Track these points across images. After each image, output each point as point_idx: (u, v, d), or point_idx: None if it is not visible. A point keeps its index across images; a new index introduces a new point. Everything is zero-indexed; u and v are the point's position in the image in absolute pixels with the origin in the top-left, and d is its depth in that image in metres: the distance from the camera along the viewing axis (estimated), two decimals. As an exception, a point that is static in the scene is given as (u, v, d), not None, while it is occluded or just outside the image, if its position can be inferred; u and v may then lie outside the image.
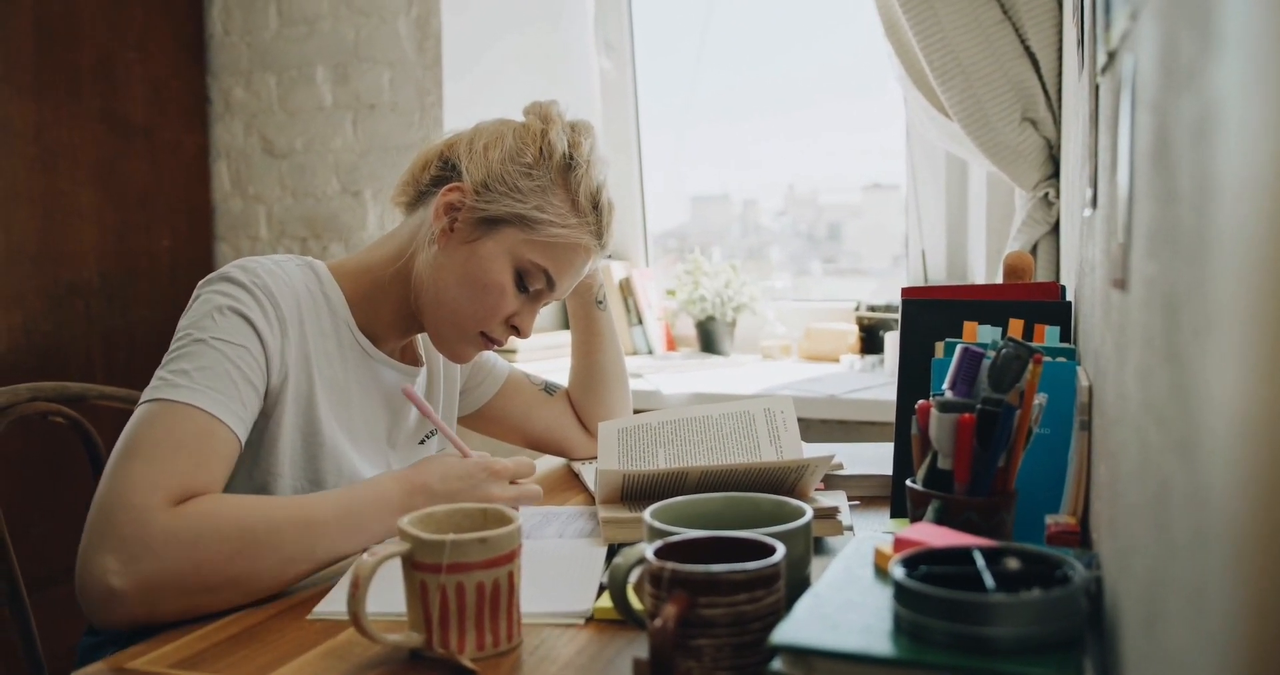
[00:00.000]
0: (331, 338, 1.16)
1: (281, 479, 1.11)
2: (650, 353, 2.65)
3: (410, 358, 1.29)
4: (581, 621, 0.89)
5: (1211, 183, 0.37)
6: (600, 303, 1.46)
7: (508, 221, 1.16)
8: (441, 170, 1.21)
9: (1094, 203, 0.92)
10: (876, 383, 2.13)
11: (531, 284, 1.19)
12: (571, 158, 1.18)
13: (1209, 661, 0.36)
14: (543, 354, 2.45)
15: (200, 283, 1.10)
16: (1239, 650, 0.32)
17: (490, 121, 1.23)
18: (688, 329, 2.71)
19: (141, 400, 1.01)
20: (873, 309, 2.44)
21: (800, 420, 1.26)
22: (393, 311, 1.21)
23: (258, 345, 1.06)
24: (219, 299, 1.06)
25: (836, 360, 2.43)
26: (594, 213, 1.20)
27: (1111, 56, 0.75)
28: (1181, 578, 0.42)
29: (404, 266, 1.19)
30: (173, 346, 1.05)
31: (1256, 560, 0.30)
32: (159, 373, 1.02)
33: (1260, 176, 0.30)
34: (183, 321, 1.07)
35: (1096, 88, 0.90)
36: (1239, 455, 0.32)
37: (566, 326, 1.49)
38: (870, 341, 2.43)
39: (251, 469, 1.10)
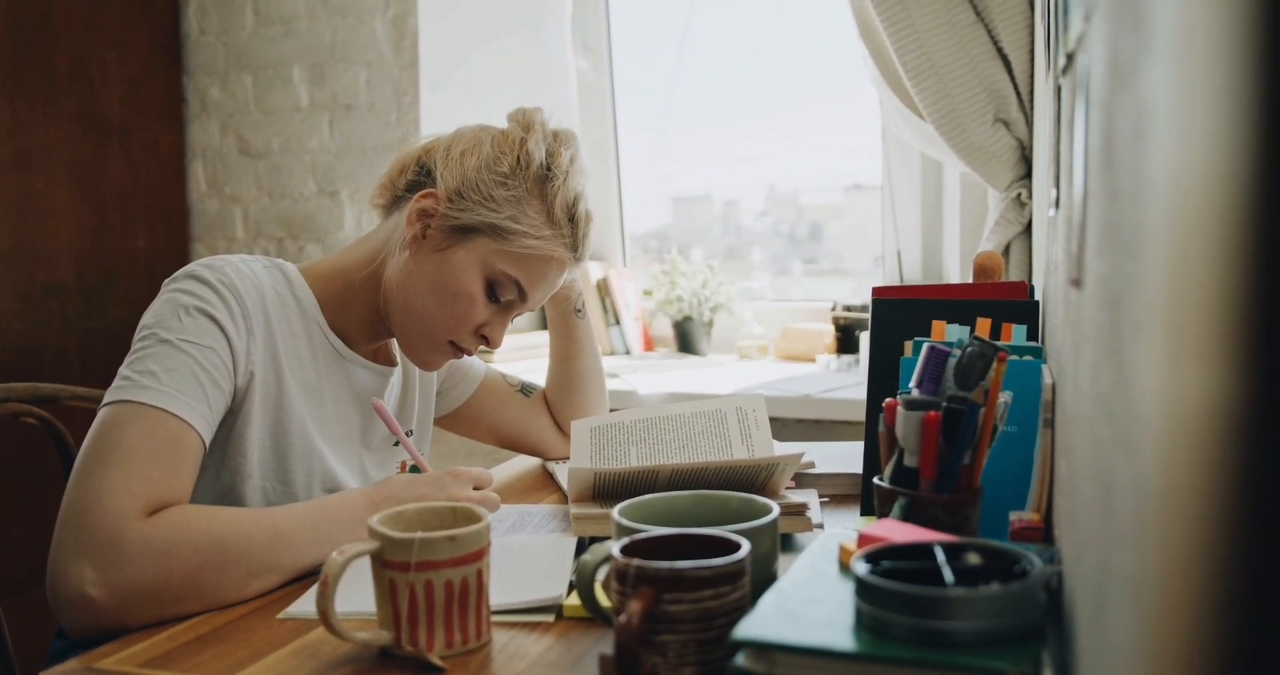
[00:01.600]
0: (303, 338, 1.15)
1: (250, 479, 1.11)
2: (627, 353, 2.65)
3: (385, 358, 1.29)
4: (553, 613, 0.90)
5: (1145, 180, 0.37)
6: (579, 311, 1.46)
7: (480, 231, 1.15)
8: (418, 175, 1.21)
9: (1057, 203, 0.93)
10: (851, 382, 2.14)
11: (503, 294, 1.18)
12: (549, 168, 1.17)
13: (1147, 649, 0.37)
14: (519, 354, 2.45)
15: (166, 281, 1.10)
16: (1172, 636, 0.32)
17: (471, 127, 1.23)
18: (665, 329, 2.72)
19: (108, 400, 1.00)
20: (849, 309, 2.46)
21: (775, 419, 1.27)
22: (364, 314, 1.21)
23: (224, 346, 1.05)
24: (185, 298, 1.06)
25: (813, 360, 2.45)
26: (570, 225, 1.19)
27: (1070, 58, 0.76)
28: (1123, 568, 0.42)
29: (376, 270, 1.19)
30: (137, 345, 1.04)
31: (1184, 547, 0.31)
32: (124, 371, 1.02)
33: (1184, 173, 0.31)
34: (146, 318, 1.06)
35: (1059, 88, 0.91)
36: (1168, 445, 0.33)
37: (544, 328, 1.49)
38: (846, 341, 2.44)
39: (219, 470, 1.10)
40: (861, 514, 1.18)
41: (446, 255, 1.16)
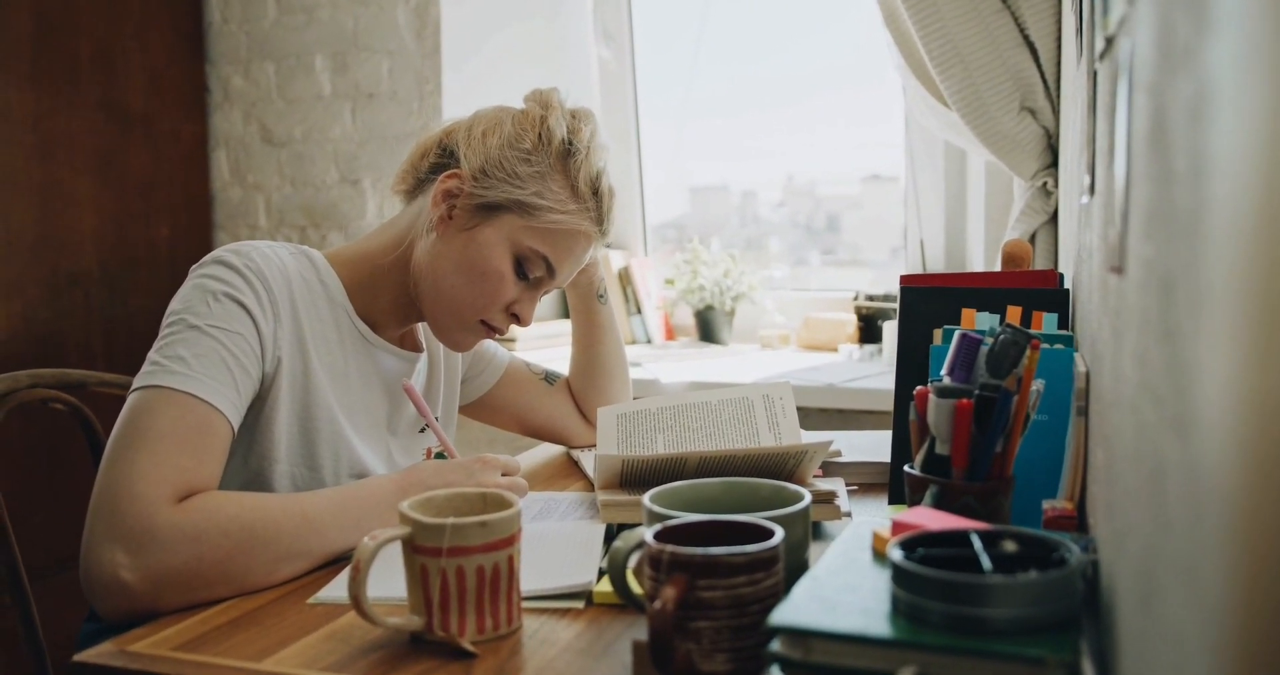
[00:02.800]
0: (330, 324, 1.16)
1: (278, 464, 1.11)
2: (649, 342, 2.65)
3: (411, 344, 1.29)
4: (582, 599, 0.90)
5: (1206, 162, 0.37)
6: (601, 297, 1.47)
7: (506, 208, 1.15)
8: (440, 158, 1.21)
9: (1091, 190, 0.92)
10: (874, 372, 2.14)
11: (531, 271, 1.19)
12: (571, 143, 1.18)
13: (1204, 633, 0.36)
14: (542, 342, 2.46)
15: (193, 267, 1.10)
16: (1233, 622, 0.32)
17: (489, 108, 1.23)
18: (686, 318, 2.72)
19: (137, 385, 1.01)
20: (871, 299, 2.45)
21: (799, 409, 1.26)
22: (392, 299, 1.21)
23: (252, 331, 1.06)
24: (213, 284, 1.06)
25: (835, 350, 2.44)
26: (594, 198, 1.19)
27: (1109, 42, 0.75)
28: (1176, 554, 0.42)
29: (403, 254, 1.19)
30: (166, 330, 1.04)
31: (1249, 534, 0.31)
32: (153, 356, 1.02)
33: (1253, 154, 0.30)
34: (175, 304, 1.06)
35: (1094, 74, 0.90)
36: (1232, 430, 0.32)
37: (566, 315, 1.49)
38: (868, 331, 2.43)
39: (246, 454, 1.10)
40: (889, 503, 1.18)
41: (474, 234, 1.16)
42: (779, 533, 0.75)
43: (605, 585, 0.88)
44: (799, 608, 0.68)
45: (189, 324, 1.03)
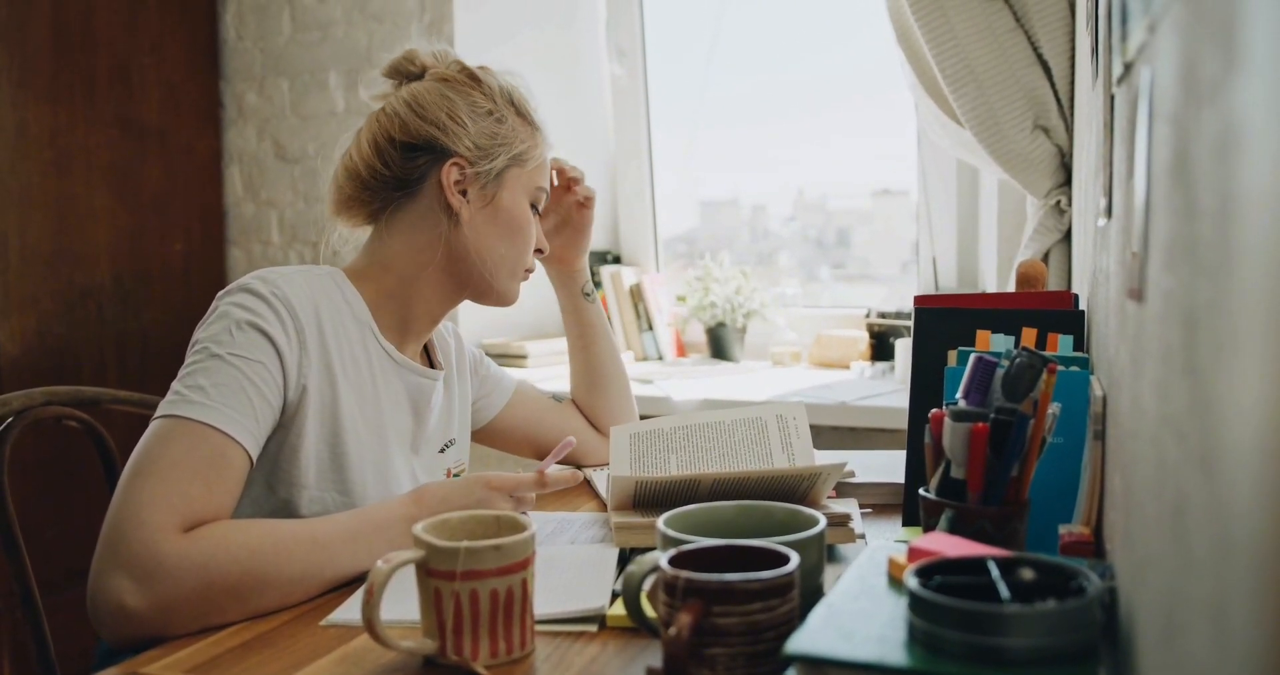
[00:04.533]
0: (358, 345, 1.16)
1: (307, 491, 1.10)
2: (660, 358, 2.65)
3: (429, 362, 1.30)
4: (596, 623, 0.89)
5: (1234, 200, 0.37)
6: (588, 295, 1.48)
7: (508, 168, 1.23)
8: (406, 161, 1.20)
9: (1109, 212, 0.92)
10: (887, 389, 2.13)
11: (539, 205, 1.29)
12: (503, 86, 1.25)
13: (1231, 673, 0.36)
14: (554, 359, 2.46)
15: (219, 294, 1.10)
16: (1264, 664, 0.32)
17: (402, 97, 1.23)
18: (698, 335, 2.71)
19: (157, 414, 1.01)
20: (883, 315, 2.44)
21: (811, 427, 1.26)
22: (424, 308, 1.23)
23: (275, 360, 1.05)
24: (237, 312, 1.06)
25: (847, 367, 2.43)
26: (534, 118, 1.27)
27: (1128, 68, 0.75)
28: (1201, 592, 0.42)
29: (433, 255, 1.21)
30: (190, 359, 1.05)
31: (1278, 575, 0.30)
32: (175, 386, 1.02)
33: (1284, 195, 0.30)
34: (200, 333, 1.07)
35: (1112, 98, 0.90)
36: (1263, 471, 0.32)
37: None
38: (880, 348, 2.43)
39: (273, 483, 1.10)
40: (903, 524, 1.17)
41: (497, 202, 1.22)
42: (794, 558, 0.74)
43: (619, 608, 0.88)
44: (815, 635, 0.68)
45: (211, 353, 1.03)
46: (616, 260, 2.84)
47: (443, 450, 1.29)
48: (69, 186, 2.35)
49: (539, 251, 1.30)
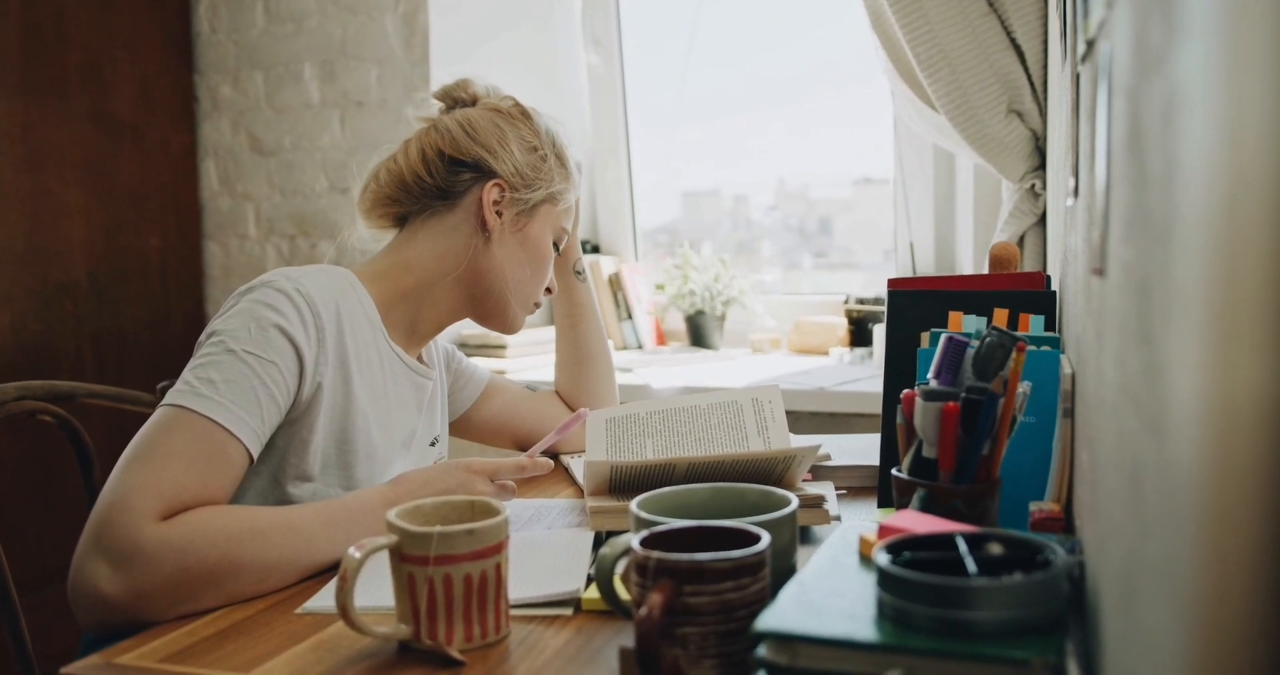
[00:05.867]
0: (370, 345, 1.18)
1: (311, 484, 1.12)
2: (639, 347, 2.65)
3: (426, 362, 1.32)
4: (571, 607, 0.90)
5: (1177, 166, 0.37)
6: (580, 273, 1.49)
7: (542, 202, 1.28)
8: (450, 173, 1.24)
9: (1075, 192, 0.92)
10: (865, 375, 2.14)
11: (560, 244, 1.35)
12: (552, 133, 1.31)
13: (1180, 636, 0.36)
14: (533, 349, 2.46)
15: (242, 288, 1.11)
16: (1205, 621, 0.32)
17: (451, 117, 1.29)
18: (677, 323, 2.72)
19: (164, 402, 1.01)
20: (861, 302, 2.45)
21: (789, 412, 1.27)
22: (434, 315, 1.26)
23: (293, 360, 1.06)
24: (260, 309, 1.06)
25: (826, 353, 2.44)
26: (577, 171, 1.34)
27: (1090, 45, 0.75)
28: (1154, 556, 0.42)
29: (457, 265, 1.24)
30: (204, 349, 1.05)
31: (1220, 534, 0.31)
32: (186, 376, 1.03)
33: (1219, 159, 0.30)
34: (218, 323, 1.07)
35: (1077, 76, 0.90)
36: (1201, 432, 0.32)
37: (553, 322, 1.51)
38: (859, 334, 2.44)
39: (278, 475, 1.11)
40: (879, 506, 1.18)
41: (526, 231, 1.28)
42: (765, 538, 0.75)
43: (594, 592, 0.88)
44: (785, 613, 0.68)
45: (226, 347, 1.03)
46: (595, 249, 2.84)
47: (433, 444, 1.32)
48: (42, 182, 2.33)
49: (548, 290, 1.35)
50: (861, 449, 1.38)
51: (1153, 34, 0.43)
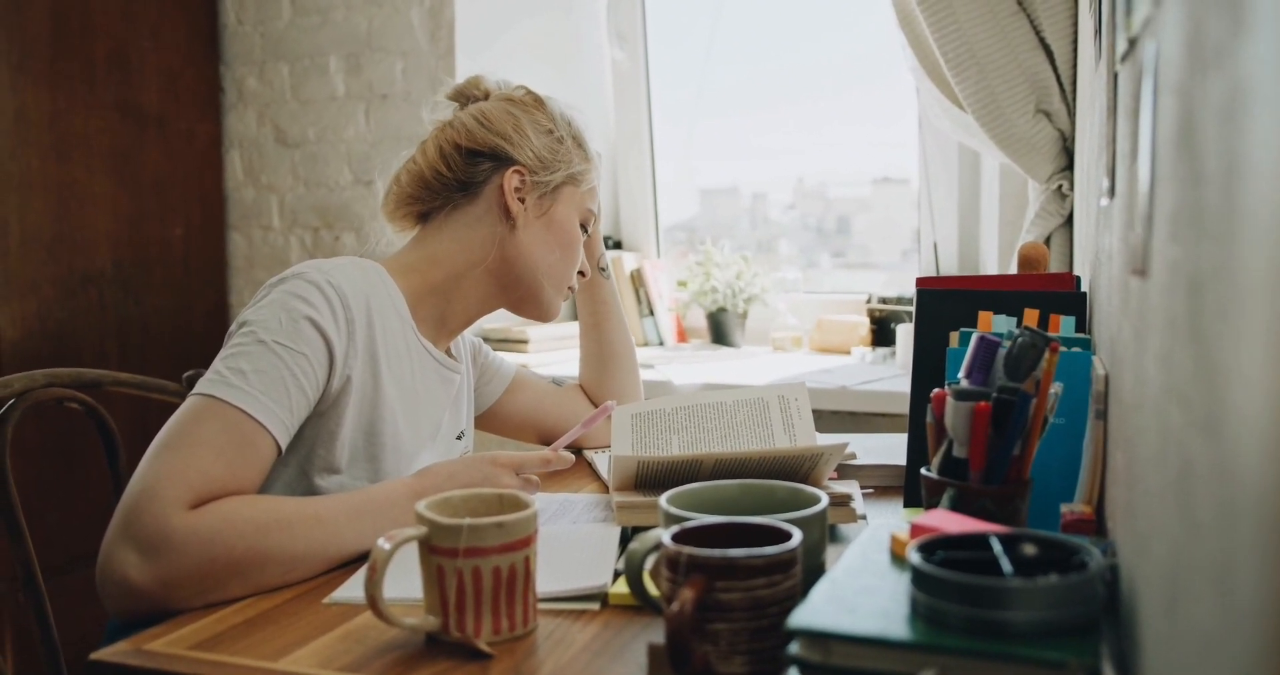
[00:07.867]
0: (399, 338, 1.18)
1: (338, 476, 1.12)
2: (661, 344, 2.65)
3: (454, 356, 1.32)
4: (598, 601, 0.90)
5: (1240, 163, 0.37)
6: (604, 269, 1.49)
7: (563, 184, 1.28)
8: (469, 166, 1.24)
9: (1111, 192, 0.92)
10: (887, 374, 2.13)
11: (588, 225, 1.34)
12: (567, 115, 1.31)
13: (1236, 638, 0.36)
14: (556, 343, 2.46)
15: (273, 279, 1.11)
16: (1268, 626, 0.32)
17: (467, 112, 1.29)
18: (699, 320, 2.71)
19: (195, 391, 1.02)
20: (884, 301, 2.44)
21: (812, 411, 1.26)
22: (463, 307, 1.26)
23: (323, 353, 1.06)
24: (291, 301, 1.07)
25: (848, 352, 2.43)
26: (589, 148, 1.33)
27: (1132, 43, 0.75)
28: (1205, 557, 0.42)
29: (485, 255, 1.24)
30: (236, 339, 1.05)
31: (1284, 535, 0.31)
32: (216, 365, 1.03)
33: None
34: (250, 314, 1.07)
35: (1115, 76, 0.90)
36: (1268, 431, 0.32)
37: (575, 318, 1.51)
38: (881, 333, 2.43)
39: (306, 466, 1.11)
40: (905, 506, 1.17)
41: (550, 215, 1.28)
42: (797, 535, 0.74)
43: (621, 587, 0.88)
44: (818, 610, 0.68)
45: (257, 338, 1.04)
46: (618, 246, 2.83)
47: (459, 437, 1.32)
48: (69, 171, 2.35)
49: (581, 273, 1.35)
50: (885, 448, 1.38)
51: (1211, 29, 0.42)
